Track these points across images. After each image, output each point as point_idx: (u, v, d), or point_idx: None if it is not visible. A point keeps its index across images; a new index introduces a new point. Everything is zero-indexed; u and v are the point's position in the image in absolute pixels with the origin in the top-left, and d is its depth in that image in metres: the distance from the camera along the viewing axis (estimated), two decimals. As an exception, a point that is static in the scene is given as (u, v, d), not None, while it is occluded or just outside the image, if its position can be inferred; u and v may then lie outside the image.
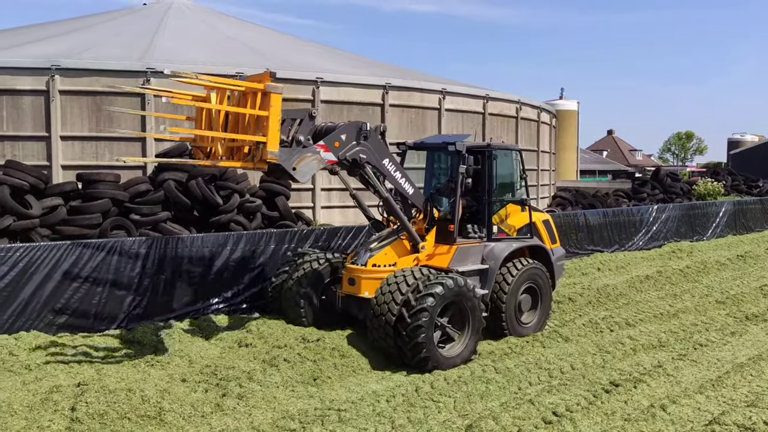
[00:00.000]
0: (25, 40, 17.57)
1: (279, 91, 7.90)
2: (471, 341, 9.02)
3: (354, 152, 8.92)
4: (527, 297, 10.35)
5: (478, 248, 10.06)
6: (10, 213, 11.47)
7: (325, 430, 6.53)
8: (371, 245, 9.82)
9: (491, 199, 10.17)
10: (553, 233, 11.37)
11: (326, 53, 22.27)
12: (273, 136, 7.91)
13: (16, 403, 6.68)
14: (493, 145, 10.26)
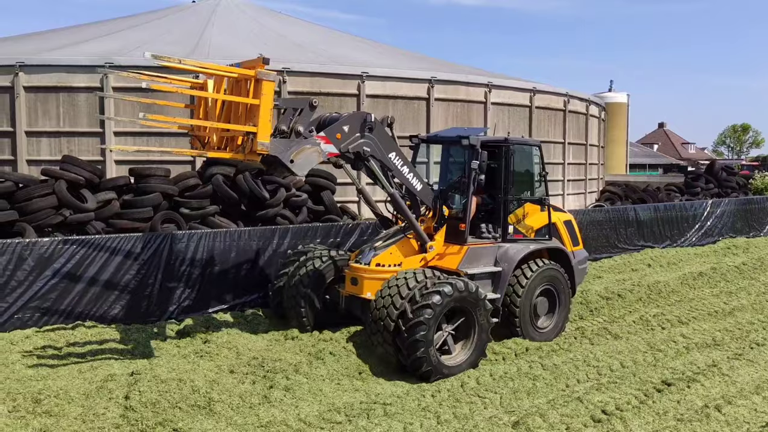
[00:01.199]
0: (81, 38, 18.09)
1: (271, 79, 7.43)
2: (477, 348, 8.49)
3: (357, 145, 8.46)
4: (543, 300, 9.81)
5: (491, 249, 9.52)
6: (67, 206, 11.85)
7: (370, 424, 6.55)
8: (376, 243, 9.42)
9: (507, 197, 9.58)
10: (575, 235, 10.77)
11: (372, 48, 22.29)
12: (264, 126, 7.43)
13: (73, 390, 6.90)
14: (510, 140, 9.62)
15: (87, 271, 9.54)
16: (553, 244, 10.07)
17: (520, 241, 9.72)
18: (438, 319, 8.05)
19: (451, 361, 8.30)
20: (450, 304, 8.15)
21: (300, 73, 15.77)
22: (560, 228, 10.45)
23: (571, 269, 10.19)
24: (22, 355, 8.22)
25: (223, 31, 18.54)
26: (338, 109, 16.10)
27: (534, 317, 9.67)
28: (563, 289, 9.94)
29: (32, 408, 6.48)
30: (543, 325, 9.84)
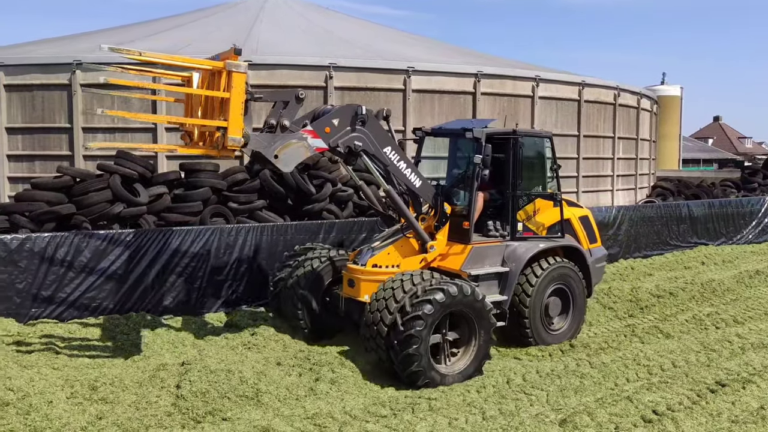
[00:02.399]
0: (132, 37, 18.54)
1: (242, 70, 7.11)
2: (478, 354, 8.00)
3: (348, 139, 8.04)
4: (556, 300, 9.30)
5: (498, 248, 9.01)
6: (121, 200, 12.18)
7: (415, 418, 6.56)
8: (375, 243, 9.01)
9: (516, 192, 9.06)
10: (592, 231, 10.20)
11: (418, 43, 22.22)
12: (235, 120, 7.12)
13: (127, 378, 7.11)
14: (519, 132, 9.06)
15: (139, 263, 9.82)
16: (566, 242, 9.49)
17: (530, 239, 9.20)
18: (431, 329, 7.59)
19: (450, 369, 7.86)
20: (444, 311, 7.69)
21: (346, 69, 15.82)
22: (575, 224, 9.91)
23: (586, 268, 9.63)
24: (79, 343, 8.52)
25: (271, 27, 18.74)
26: (385, 104, 16.12)
27: (546, 318, 9.19)
28: (577, 288, 9.43)
29: (89, 395, 6.70)
30: (556, 327, 9.35)
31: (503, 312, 8.77)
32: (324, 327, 9.20)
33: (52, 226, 11.69)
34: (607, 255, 10.88)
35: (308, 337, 9.07)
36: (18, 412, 5.83)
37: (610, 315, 10.96)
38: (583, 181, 19.81)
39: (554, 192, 9.49)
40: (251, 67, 15.16)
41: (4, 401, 5.88)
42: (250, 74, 15.12)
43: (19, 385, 6.19)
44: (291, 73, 15.56)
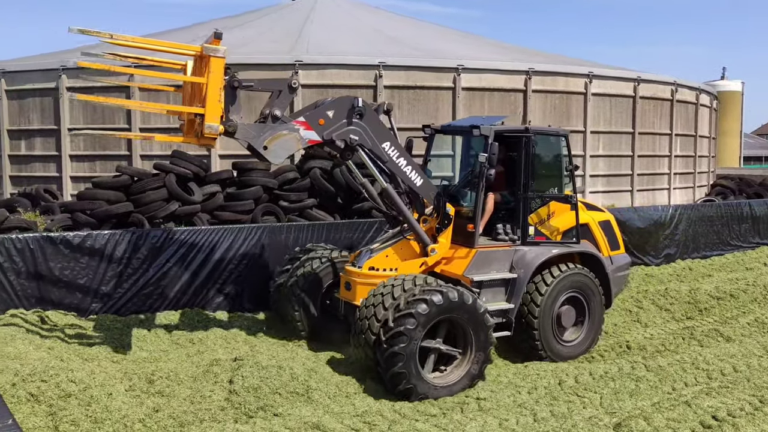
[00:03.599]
0: (189, 38, 18.96)
1: (219, 55, 6.81)
2: (474, 366, 7.50)
3: (342, 133, 7.69)
4: (569, 310, 8.69)
5: (506, 253, 8.48)
6: (176, 199, 12.49)
7: (465, 418, 6.52)
8: (374, 245, 8.64)
9: (527, 194, 8.51)
10: (614, 237, 9.56)
11: (468, 40, 22.05)
12: (212, 107, 6.86)
13: (182, 373, 7.28)
14: (531, 129, 8.55)
15: (194, 261, 10.04)
16: (581, 248, 8.89)
17: (542, 244, 8.63)
18: (422, 331, 7.13)
19: (441, 381, 7.38)
20: (439, 315, 7.23)
21: (395, 67, 15.83)
22: (594, 229, 9.27)
23: (605, 276, 9.00)
24: (136, 338, 8.76)
25: (321, 27, 18.89)
26: (434, 102, 16.08)
27: (558, 329, 8.60)
28: (594, 297, 8.80)
29: (146, 388, 6.89)
30: (569, 338, 8.75)
31: (509, 321, 8.28)
32: (323, 331, 8.91)
33: (112, 223, 12.08)
34: (631, 263, 10.11)
35: (308, 340, 8.83)
36: (80, 404, 6.04)
37: (666, 317, 10.66)
38: (638, 180, 19.31)
39: (569, 194, 8.89)
40: (302, 67, 15.36)
41: (66, 392, 6.09)
42: (301, 74, 15.35)
43: (80, 377, 6.41)
44: (341, 73, 15.67)
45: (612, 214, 10.09)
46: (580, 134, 17.87)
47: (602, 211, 9.85)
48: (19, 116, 15.89)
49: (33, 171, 16.24)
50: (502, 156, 8.70)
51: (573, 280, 8.63)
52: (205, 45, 6.88)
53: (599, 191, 18.30)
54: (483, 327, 7.51)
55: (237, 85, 7.25)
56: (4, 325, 8.41)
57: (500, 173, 8.70)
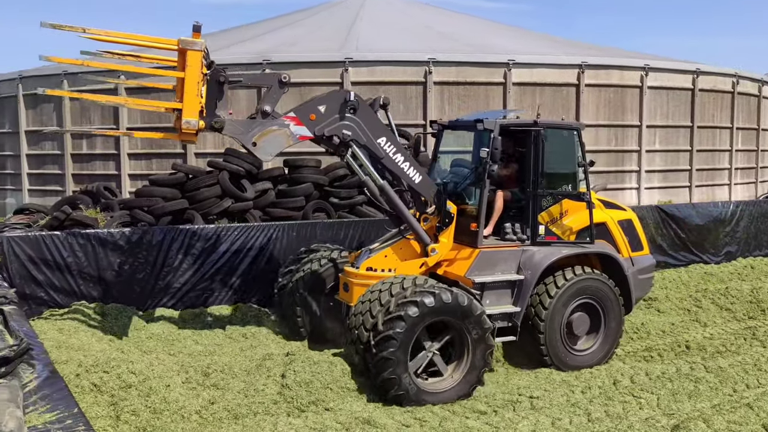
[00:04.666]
0: (243, 38, 19.31)
1: (197, 48, 6.65)
2: (471, 372, 7.17)
3: (335, 128, 7.45)
4: (582, 317, 8.19)
5: (513, 254, 8.07)
6: (229, 196, 12.73)
7: (517, 416, 6.45)
8: (374, 245, 8.37)
9: (537, 191, 8.08)
10: (636, 237, 9.00)
11: (518, 35, 21.77)
12: (189, 101, 6.71)
13: (236, 366, 7.43)
14: (541, 123, 8.06)
15: (246, 257, 10.23)
16: (595, 248, 8.39)
17: (553, 245, 8.19)
18: (413, 334, 6.84)
19: (435, 387, 7.09)
20: (431, 318, 6.93)
21: (445, 63, 15.76)
22: (612, 229, 8.73)
23: (625, 279, 8.47)
24: (192, 332, 8.98)
25: (371, 24, 18.96)
26: (484, 98, 15.94)
27: (568, 337, 8.13)
28: (611, 304, 8.25)
29: (202, 380, 7.06)
30: (582, 347, 8.26)
31: (514, 325, 7.88)
32: (326, 332, 8.73)
33: (168, 219, 12.40)
34: (656, 264, 9.49)
35: (310, 341, 8.65)
36: (139, 394, 6.23)
37: (727, 316, 10.31)
38: (696, 175, 18.71)
39: (581, 191, 8.39)
40: (351, 65, 15.44)
41: (127, 383, 6.29)
42: (351, 72, 15.44)
43: (140, 369, 6.61)
44: (390, 70, 15.70)
45: (670, 209, 9.70)
46: (635, 129, 17.44)
47: (623, 210, 9.29)
48: (81, 117, 16.46)
49: (94, 169, 16.83)
50: (513, 152, 8.41)
51: (586, 286, 8.10)
52: (182, 38, 6.70)
53: (655, 187, 17.83)
54: (481, 330, 7.15)
55: (223, 81, 7.13)
56: (69, 318, 8.75)
57: (511, 170, 8.44)
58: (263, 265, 10.28)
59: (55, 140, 17.25)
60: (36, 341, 6.26)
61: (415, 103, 15.60)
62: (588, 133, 16.66)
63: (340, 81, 15.44)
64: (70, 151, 16.99)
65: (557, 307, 7.94)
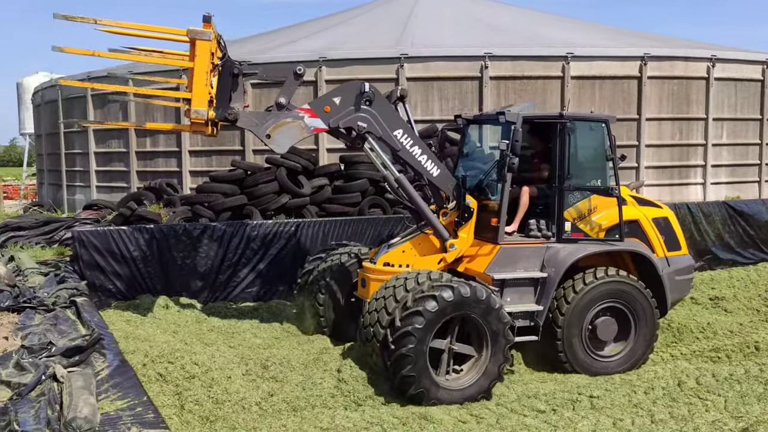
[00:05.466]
0: (297, 36, 19.56)
1: (205, 38, 6.66)
2: (492, 366, 6.95)
3: (350, 120, 7.35)
4: (609, 321, 7.79)
5: (537, 250, 7.77)
6: (287, 192, 12.94)
7: (576, 416, 6.33)
8: (393, 240, 8.27)
9: (563, 186, 7.76)
10: (673, 236, 8.53)
11: (577, 27, 21.32)
12: (199, 91, 6.75)
13: (294, 360, 7.54)
14: (567, 115, 7.77)
15: (302, 252, 10.36)
16: (625, 246, 8.00)
17: (580, 242, 7.85)
18: (432, 330, 6.66)
19: (456, 383, 6.92)
20: (450, 312, 6.73)
21: (501, 58, 15.57)
22: (646, 226, 8.28)
23: (659, 280, 8.02)
24: (250, 325, 9.17)
25: (425, 19, 18.89)
26: (542, 92, 15.67)
27: (591, 343, 7.74)
28: (641, 308, 7.81)
29: (261, 373, 7.20)
30: (609, 354, 7.86)
31: (536, 325, 7.56)
32: (348, 329, 8.37)
33: (228, 215, 12.69)
34: (695, 265, 8.99)
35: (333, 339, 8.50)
36: (202, 385, 6.40)
37: (799, 317, 9.87)
38: (766, 170, 17.94)
39: (610, 186, 8.01)
40: (407, 60, 15.42)
41: (191, 374, 6.48)
42: (406, 68, 15.42)
43: (202, 360, 6.79)
44: (446, 65, 15.61)
45: (739, 205, 9.26)
46: (701, 122, 16.83)
47: (658, 207, 8.78)
48: (144, 115, 16.99)
49: (156, 166, 17.36)
50: (539, 146, 8.19)
51: (612, 289, 7.69)
52: (191, 28, 6.73)
53: (722, 182, 17.19)
54: (499, 324, 6.95)
55: (237, 72, 7.16)
56: (135, 310, 9.06)
57: (537, 165, 8.17)
58: (320, 260, 10.40)
59: (121, 138, 17.86)
60: (106, 332, 6.52)
61: (471, 98, 15.48)
62: (651, 126, 16.28)
63: (395, 77, 15.45)
64: (134, 149, 17.56)
65: (578, 309, 7.59)
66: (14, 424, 4.08)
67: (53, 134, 21.34)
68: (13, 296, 7.60)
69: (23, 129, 34.25)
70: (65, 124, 17.91)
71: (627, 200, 8.24)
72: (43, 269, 9.85)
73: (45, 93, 22.05)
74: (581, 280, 7.65)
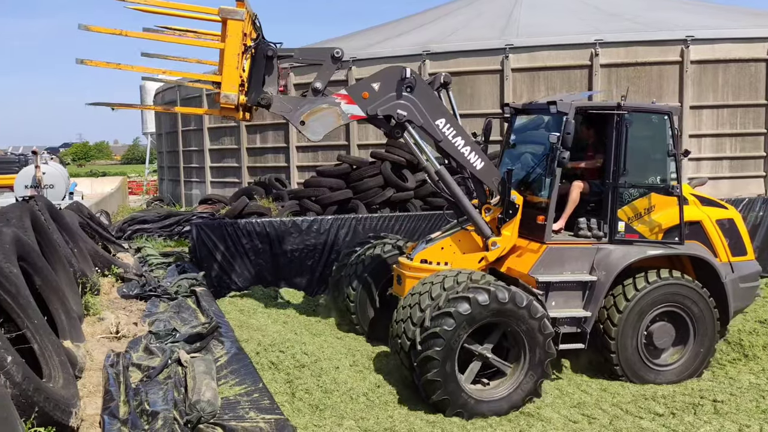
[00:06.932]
0: (402, 30, 19.64)
1: (237, 17, 6.31)
2: (528, 379, 6.41)
3: (389, 107, 6.93)
4: (666, 328, 7.23)
5: (587, 251, 7.20)
6: (391, 186, 13.05)
7: (698, 421, 5.99)
8: (433, 235, 7.77)
9: (617, 183, 7.15)
10: (739, 240, 7.84)
11: (697, 8, 20.04)
12: (229, 74, 6.42)
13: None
14: (625, 106, 7.10)
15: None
16: (684, 250, 7.36)
17: (634, 243, 7.25)
18: (464, 335, 6.18)
19: (486, 394, 6.38)
20: (484, 318, 6.22)
21: (613, 44, 14.92)
22: (709, 228, 7.63)
23: (722, 287, 7.40)
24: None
25: (531, 8, 18.42)
26: (657, 79, 14.90)
27: (647, 350, 7.19)
28: (701, 313, 7.21)
29: (368, 364, 7.31)
30: (666, 362, 7.29)
31: (584, 332, 7.03)
32: (382, 327, 7.90)
33: (334, 209, 12.98)
34: (760, 271, 8.23)
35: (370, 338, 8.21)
36: (312, 374, 6.58)
37: None
38: None
39: (670, 184, 7.36)
40: (512, 51, 15.12)
41: (301, 363, 6.68)
42: (511, 58, 15.11)
43: (312, 350, 6.98)
44: (553, 54, 15.18)
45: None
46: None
47: (723, 208, 8.07)
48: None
49: (266, 162, 18.04)
50: (593, 139, 7.60)
51: (670, 292, 7.12)
52: (222, 7, 6.43)
53: None
54: (540, 336, 6.38)
55: (272, 55, 6.85)
56: (248, 300, 9.46)
57: (590, 159, 7.63)
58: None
59: (233, 135, 18.69)
60: (223, 320, 6.85)
61: (580, 87, 14.96)
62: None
63: (500, 68, 15.21)
64: (245, 146, 18.33)
65: (634, 314, 7.05)
66: (145, 404, 4.37)
67: (172, 133, 22.68)
68: (140, 285, 8.14)
69: (145, 129, 36.66)
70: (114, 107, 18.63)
71: (689, 199, 7.63)
72: (165, 260, 10.50)
73: (165, 94, 23.45)
74: (642, 279, 7.11)
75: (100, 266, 8.39)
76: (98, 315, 6.64)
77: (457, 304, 6.19)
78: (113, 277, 8.41)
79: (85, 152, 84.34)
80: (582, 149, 7.67)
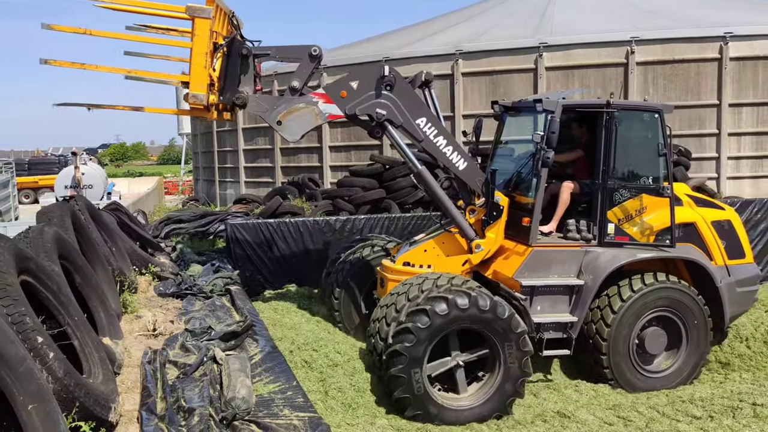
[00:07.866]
0: (435, 30, 19.58)
1: (204, 15, 6.19)
2: (497, 396, 6.21)
3: (368, 107, 6.80)
4: (658, 333, 7.07)
5: (574, 254, 7.02)
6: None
7: (737, 424, 5.86)
8: (417, 237, 7.67)
9: (606, 184, 6.99)
10: (736, 242, 7.62)
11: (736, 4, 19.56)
12: (197, 73, 6.26)
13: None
14: (614, 104, 6.95)
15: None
16: (676, 253, 7.18)
17: (624, 246, 7.10)
18: (426, 347, 5.97)
19: (449, 401, 6.19)
20: (446, 328, 6.02)
21: (650, 41, 14.67)
22: (703, 230, 7.44)
23: (716, 291, 7.22)
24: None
25: (565, 6, 18.20)
26: (695, 77, 14.61)
27: (639, 356, 7.06)
28: (695, 318, 7.06)
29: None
30: (658, 368, 7.18)
31: (569, 337, 6.88)
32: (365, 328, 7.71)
33: (367, 208, 13.02)
34: (760, 276, 8.03)
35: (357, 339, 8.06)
36: (345, 373, 6.63)
37: None
38: None
39: (660, 185, 7.20)
40: (546, 49, 14.97)
41: (334, 362, 6.73)
42: (545, 57, 14.98)
43: (344, 350, 7.03)
44: (587, 52, 15.00)
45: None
46: None
47: (720, 209, 7.84)
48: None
49: (299, 162, 18.18)
50: (582, 138, 7.42)
51: (662, 297, 6.97)
52: (189, 5, 6.33)
53: None
54: (512, 336, 6.17)
55: (247, 53, 6.72)
56: (282, 299, 9.55)
57: (582, 159, 7.46)
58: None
59: (267, 135, 18.87)
60: (257, 319, 6.93)
61: (615, 86, 14.73)
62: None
63: (533, 67, 15.08)
64: (279, 146, 18.49)
65: (623, 323, 6.90)
66: (182, 401, 4.45)
67: (207, 133, 22.99)
68: (177, 284, 8.29)
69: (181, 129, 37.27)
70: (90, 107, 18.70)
71: (683, 200, 7.49)
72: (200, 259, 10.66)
73: (205, 95, 23.74)
74: (636, 282, 6.96)
75: (137, 265, 8.56)
76: (136, 313, 6.79)
77: (435, 303, 6.06)
78: (150, 275, 8.57)
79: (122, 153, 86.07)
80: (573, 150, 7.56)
